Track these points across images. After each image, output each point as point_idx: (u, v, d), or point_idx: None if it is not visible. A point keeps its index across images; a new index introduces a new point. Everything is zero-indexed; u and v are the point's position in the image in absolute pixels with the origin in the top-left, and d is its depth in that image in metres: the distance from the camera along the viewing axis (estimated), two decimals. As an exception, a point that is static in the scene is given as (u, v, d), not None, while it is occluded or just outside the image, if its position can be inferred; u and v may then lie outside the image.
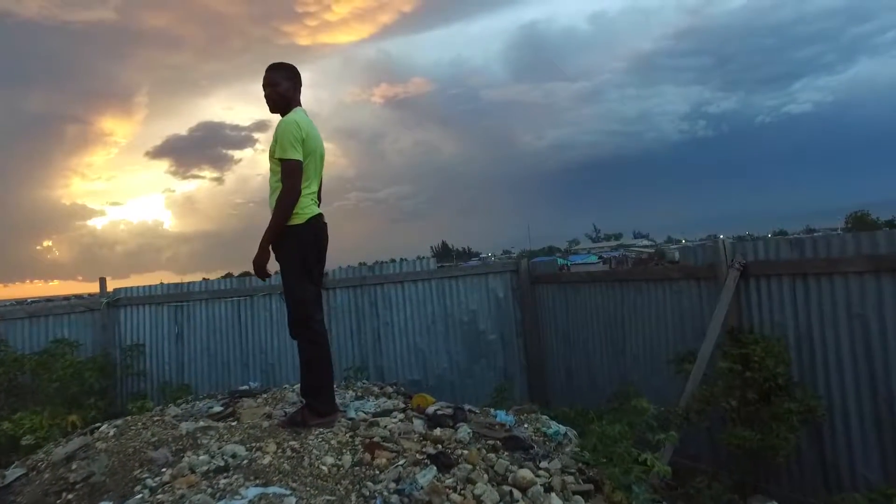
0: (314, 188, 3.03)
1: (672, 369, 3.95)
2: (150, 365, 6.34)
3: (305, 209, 2.91)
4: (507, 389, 5.47)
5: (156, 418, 3.01)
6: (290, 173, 2.82)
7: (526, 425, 2.96)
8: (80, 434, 2.87)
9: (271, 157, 2.93)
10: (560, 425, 3.02)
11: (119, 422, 2.96)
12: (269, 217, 2.91)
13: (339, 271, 6.40)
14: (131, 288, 6.55)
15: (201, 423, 2.63)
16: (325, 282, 6.21)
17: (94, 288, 6.63)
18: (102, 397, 4.63)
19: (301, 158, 2.86)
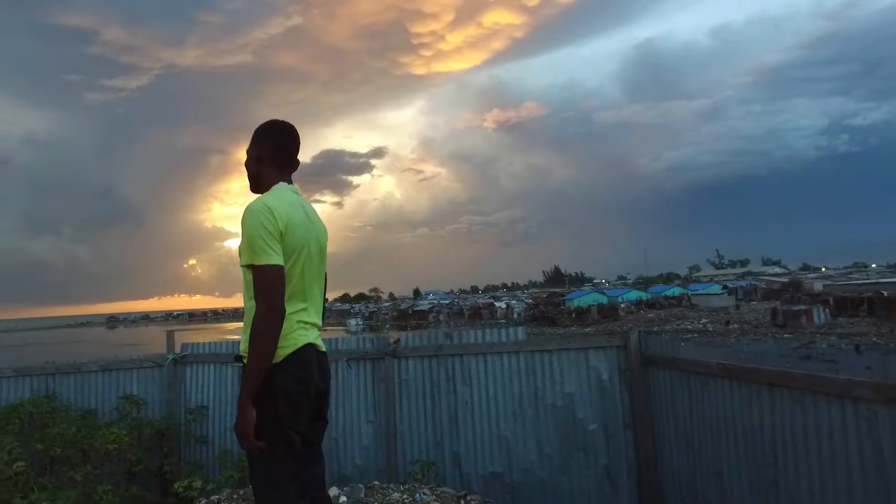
0: (305, 304, 2.07)
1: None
2: (213, 429, 5.89)
3: (285, 339, 1.96)
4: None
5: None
6: (267, 286, 1.88)
7: None
8: None
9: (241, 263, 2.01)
10: None
11: None
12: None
13: (412, 338, 5.58)
14: (198, 344, 6.19)
15: None
16: (396, 350, 5.42)
17: (228, 303, 6.43)
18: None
19: (280, 262, 1.93)
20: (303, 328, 2.04)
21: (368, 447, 5.37)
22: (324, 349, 2.14)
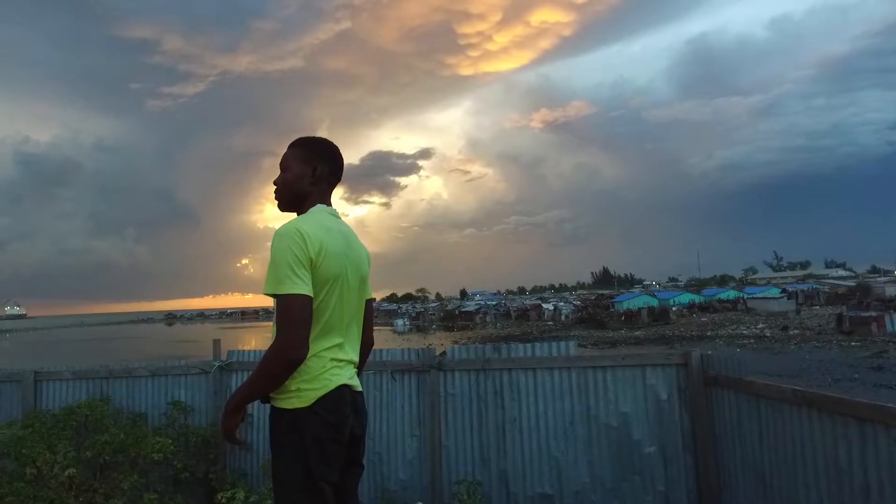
0: (341, 339, 1.87)
1: None
2: (257, 438, 5.85)
3: (316, 379, 1.77)
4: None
5: None
6: (289, 318, 1.69)
7: None
8: None
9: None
10: None
11: None
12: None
13: (459, 351, 5.38)
14: (243, 352, 6.17)
15: None
16: (441, 362, 5.23)
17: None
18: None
19: (307, 292, 1.73)
20: (336, 367, 1.84)
21: (412, 462, 5.21)
22: (360, 388, 1.95)
